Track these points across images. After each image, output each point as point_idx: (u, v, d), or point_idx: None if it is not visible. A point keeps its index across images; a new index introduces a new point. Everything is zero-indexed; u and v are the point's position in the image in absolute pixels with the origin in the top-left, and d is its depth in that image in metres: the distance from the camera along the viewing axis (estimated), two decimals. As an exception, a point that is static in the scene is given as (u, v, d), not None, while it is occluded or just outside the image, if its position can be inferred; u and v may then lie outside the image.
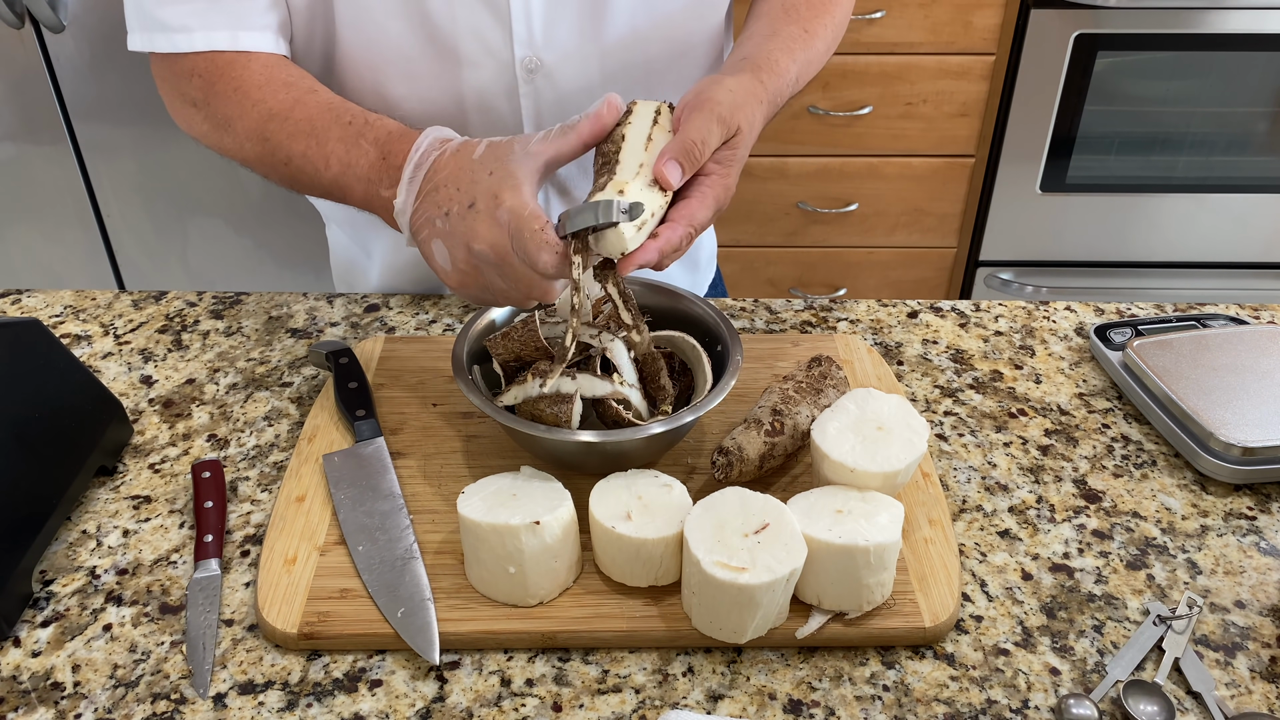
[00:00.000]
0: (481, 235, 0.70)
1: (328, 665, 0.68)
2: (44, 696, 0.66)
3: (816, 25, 0.89)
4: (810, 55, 0.88)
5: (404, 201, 0.75)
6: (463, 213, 0.71)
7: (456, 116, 0.91)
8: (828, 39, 0.91)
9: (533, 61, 0.89)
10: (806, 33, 0.88)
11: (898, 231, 2.15)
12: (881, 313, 1.03)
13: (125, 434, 0.85)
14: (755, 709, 0.65)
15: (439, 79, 0.89)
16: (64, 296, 1.05)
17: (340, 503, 0.77)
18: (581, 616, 0.69)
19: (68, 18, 1.71)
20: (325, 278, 1.99)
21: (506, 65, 0.89)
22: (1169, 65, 1.94)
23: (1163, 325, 0.95)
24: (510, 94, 0.91)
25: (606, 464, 0.74)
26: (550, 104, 0.92)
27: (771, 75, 0.82)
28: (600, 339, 0.78)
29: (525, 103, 0.91)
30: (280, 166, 0.83)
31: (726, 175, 0.75)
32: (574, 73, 0.91)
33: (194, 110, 0.88)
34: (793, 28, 0.87)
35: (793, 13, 0.89)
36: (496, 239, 0.70)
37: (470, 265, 0.72)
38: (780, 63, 0.83)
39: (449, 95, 0.90)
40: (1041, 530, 0.78)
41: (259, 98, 0.83)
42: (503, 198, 0.69)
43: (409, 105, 0.90)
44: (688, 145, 0.72)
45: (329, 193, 0.82)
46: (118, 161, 1.86)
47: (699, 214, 0.73)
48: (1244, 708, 0.65)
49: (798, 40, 0.87)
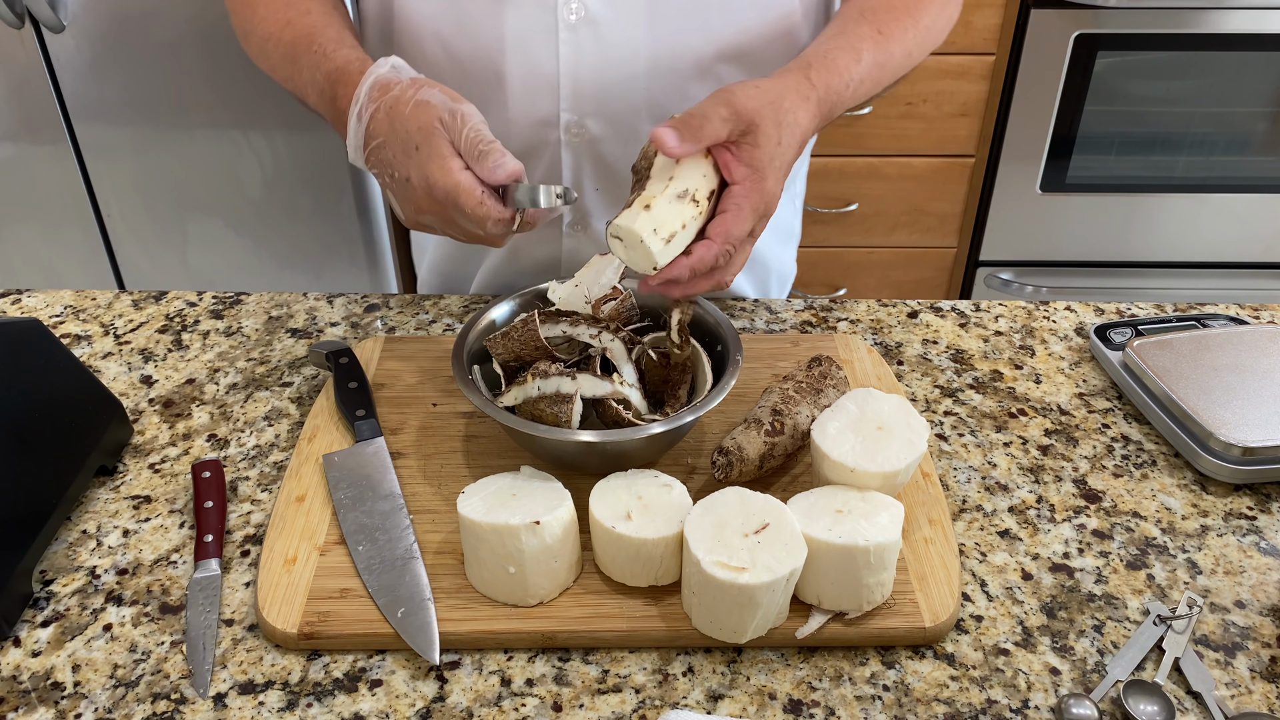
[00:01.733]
0: (425, 207, 0.74)
1: (328, 665, 0.68)
2: (44, 696, 0.66)
3: (894, 28, 0.85)
4: (883, 58, 0.84)
5: (354, 151, 0.78)
6: (402, 183, 0.74)
7: (497, 58, 0.90)
8: (908, 43, 0.87)
9: (576, 7, 0.87)
10: (880, 34, 0.84)
11: (898, 231, 2.15)
12: (881, 313, 1.02)
13: (125, 434, 0.85)
14: (755, 709, 0.65)
15: (485, 16, 0.88)
16: (64, 296, 1.05)
17: (340, 503, 0.77)
18: (581, 616, 0.69)
19: (68, 18, 1.71)
20: (325, 278, 2.00)
21: (547, 8, 0.87)
22: (1169, 65, 1.94)
23: (1163, 325, 0.95)
24: (549, 40, 0.88)
25: (606, 464, 0.74)
26: (590, 55, 0.89)
27: (824, 73, 0.78)
28: (600, 339, 0.78)
29: (564, 50, 0.88)
30: (285, 85, 0.87)
31: (761, 180, 0.71)
32: (619, 32, 0.88)
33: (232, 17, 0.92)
34: (864, 28, 0.84)
35: (869, 14, 0.85)
36: (438, 211, 0.74)
37: (422, 222, 0.76)
38: (839, 61, 0.80)
39: (493, 35, 0.89)
40: (1041, 530, 0.78)
41: (263, 15, 0.87)
42: (433, 179, 0.72)
43: (459, 42, 0.90)
44: (687, 116, 0.70)
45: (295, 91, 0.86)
46: (118, 161, 1.86)
47: (734, 228, 0.71)
48: (1244, 708, 0.65)
49: (867, 40, 0.83)
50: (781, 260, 1.15)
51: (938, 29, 0.91)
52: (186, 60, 1.75)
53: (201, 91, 1.78)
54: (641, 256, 0.69)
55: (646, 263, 0.70)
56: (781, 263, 1.15)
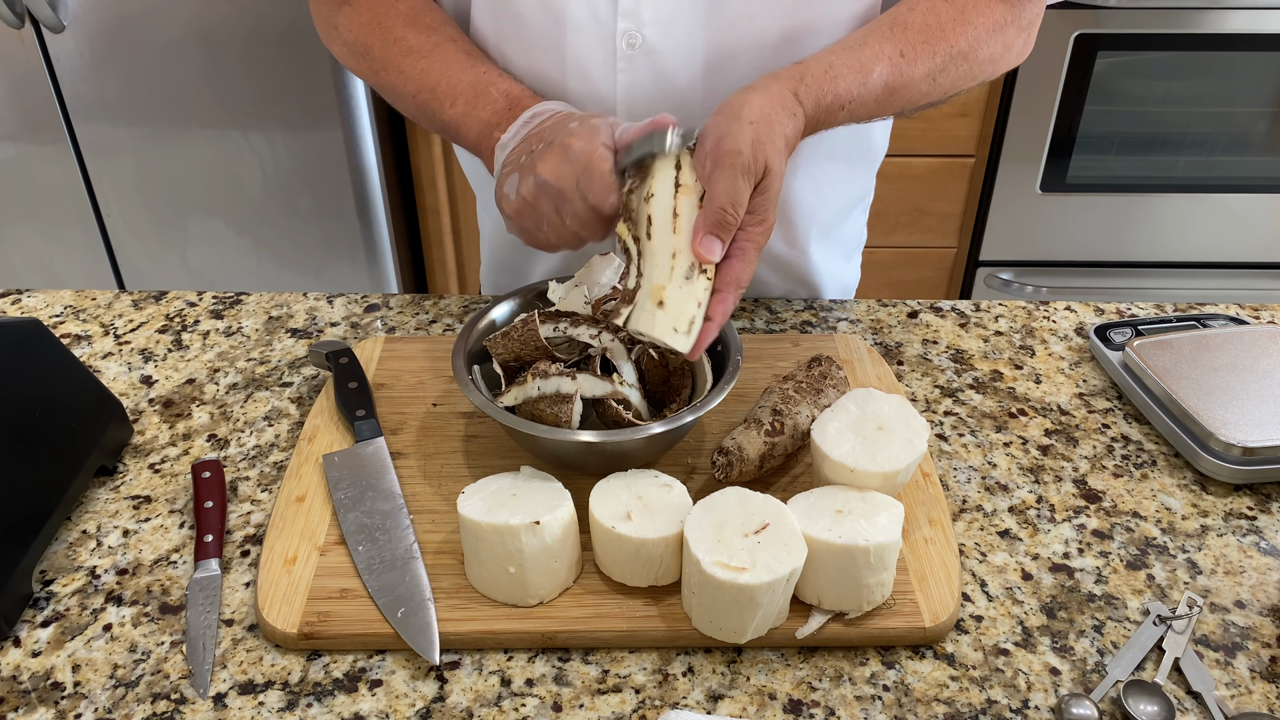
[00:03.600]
0: (551, 166, 0.74)
1: (328, 665, 0.68)
2: (44, 696, 0.66)
3: (921, 50, 0.82)
4: (899, 81, 0.81)
5: (510, 138, 0.81)
6: (541, 150, 0.76)
7: (558, 82, 0.91)
8: (931, 66, 0.82)
9: (634, 35, 0.87)
10: (902, 56, 0.81)
11: (898, 231, 2.15)
12: (881, 313, 1.02)
13: (125, 434, 0.85)
14: (755, 709, 0.65)
15: (546, 41, 0.90)
16: (64, 296, 1.05)
17: (340, 503, 0.77)
18: (581, 616, 0.69)
19: (68, 18, 1.71)
20: (325, 278, 2.00)
21: (608, 35, 0.88)
22: (1169, 65, 1.94)
23: (1163, 325, 0.95)
24: (608, 65, 0.89)
25: (606, 464, 0.74)
26: (646, 82, 0.89)
27: (815, 89, 0.77)
28: (600, 339, 0.79)
29: (621, 78, 0.89)
30: (410, 96, 0.89)
31: (763, 221, 0.73)
32: (675, 56, 0.88)
33: (334, 32, 0.94)
34: (887, 46, 0.81)
35: (899, 30, 0.82)
36: (563, 172, 0.74)
37: (533, 195, 0.76)
38: (840, 81, 0.78)
39: (554, 59, 0.90)
40: (1041, 530, 0.78)
41: (401, 34, 0.90)
42: (577, 140, 0.74)
43: (519, 63, 0.91)
44: (719, 216, 0.70)
45: (445, 128, 0.88)
46: (118, 161, 1.86)
47: (744, 273, 0.72)
48: (1244, 708, 0.65)
49: (883, 60, 0.80)
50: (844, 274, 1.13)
51: (980, 56, 0.86)
52: (186, 60, 1.75)
53: (201, 91, 1.78)
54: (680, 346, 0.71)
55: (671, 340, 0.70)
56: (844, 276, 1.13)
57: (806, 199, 1.00)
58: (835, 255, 1.09)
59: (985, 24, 0.85)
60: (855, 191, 1.08)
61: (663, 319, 0.70)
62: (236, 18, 1.71)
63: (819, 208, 1.02)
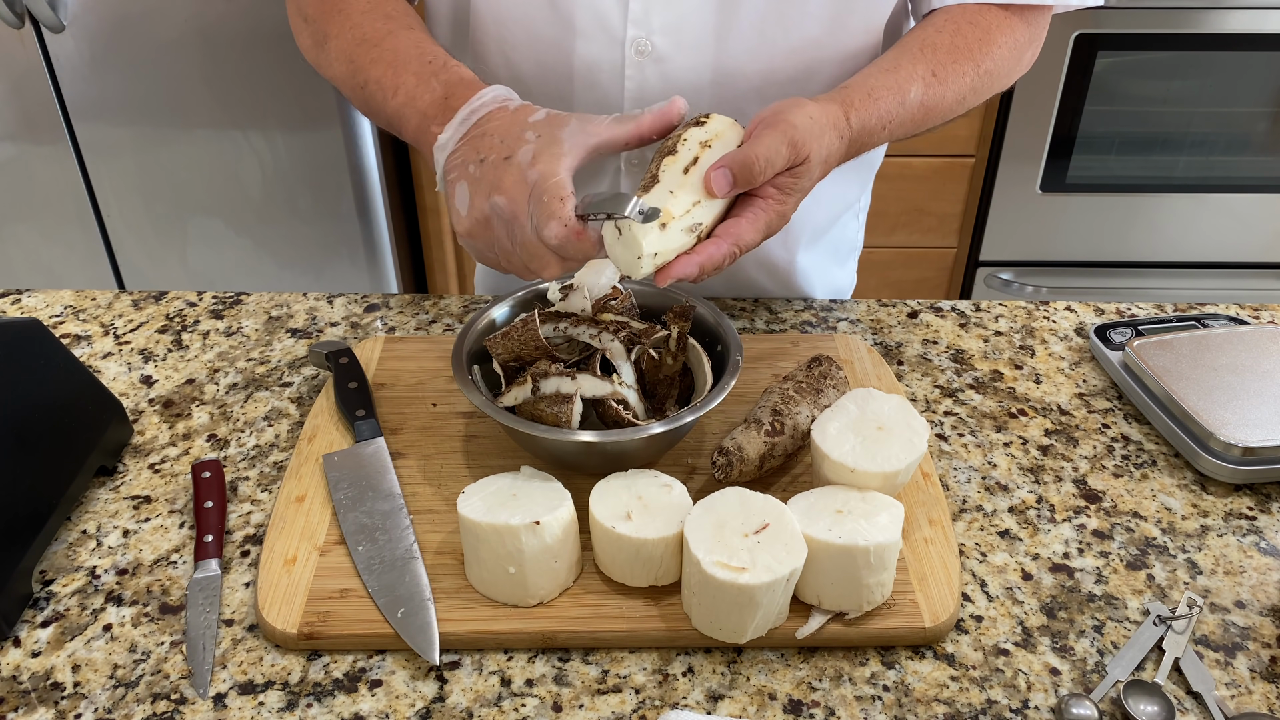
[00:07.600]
0: (505, 188, 0.70)
1: (328, 665, 0.68)
2: (44, 696, 0.66)
3: (951, 70, 0.83)
4: (932, 100, 0.82)
5: (447, 139, 0.75)
6: (496, 162, 0.71)
7: (565, 88, 0.90)
8: (963, 87, 0.84)
9: (644, 43, 0.87)
10: (935, 76, 0.82)
11: (898, 231, 2.15)
12: (881, 313, 1.02)
13: (125, 434, 0.85)
14: (755, 709, 0.65)
15: (554, 46, 0.89)
16: (64, 296, 1.05)
17: (340, 503, 0.77)
18: (581, 616, 0.69)
19: (68, 18, 1.71)
20: (325, 278, 2.00)
21: (616, 42, 0.88)
22: (1169, 65, 1.94)
23: (1163, 325, 0.95)
24: (616, 72, 0.89)
25: (606, 464, 0.74)
26: (654, 91, 0.89)
27: (862, 112, 0.77)
28: (600, 339, 0.78)
29: (629, 85, 0.89)
30: (358, 89, 0.85)
31: (784, 203, 0.72)
32: (684, 64, 0.88)
33: (304, 25, 0.91)
34: (919, 67, 0.82)
35: (928, 51, 0.83)
36: (517, 195, 0.69)
37: (484, 215, 0.72)
38: (881, 103, 0.78)
39: (562, 64, 0.90)
40: (1041, 530, 0.78)
41: (358, 21, 0.86)
42: (539, 160, 0.69)
43: (526, 68, 0.91)
44: (748, 160, 0.69)
45: (390, 122, 0.84)
46: (118, 161, 1.86)
47: (746, 235, 0.70)
48: (1244, 708, 0.65)
49: (918, 82, 0.81)
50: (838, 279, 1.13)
51: (1002, 73, 0.88)
52: (186, 60, 1.75)
53: (201, 91, 1.78)
54: (625, 262, 0.68)
55: (625, 266, 0.68)
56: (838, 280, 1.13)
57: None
58: (826, 260, 1.09)
59: (1008, 43, 0.88)
60: (848, 197, 1.08)
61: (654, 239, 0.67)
62: (236, 18, 1.71)
63: (811, 211, 1.02)
